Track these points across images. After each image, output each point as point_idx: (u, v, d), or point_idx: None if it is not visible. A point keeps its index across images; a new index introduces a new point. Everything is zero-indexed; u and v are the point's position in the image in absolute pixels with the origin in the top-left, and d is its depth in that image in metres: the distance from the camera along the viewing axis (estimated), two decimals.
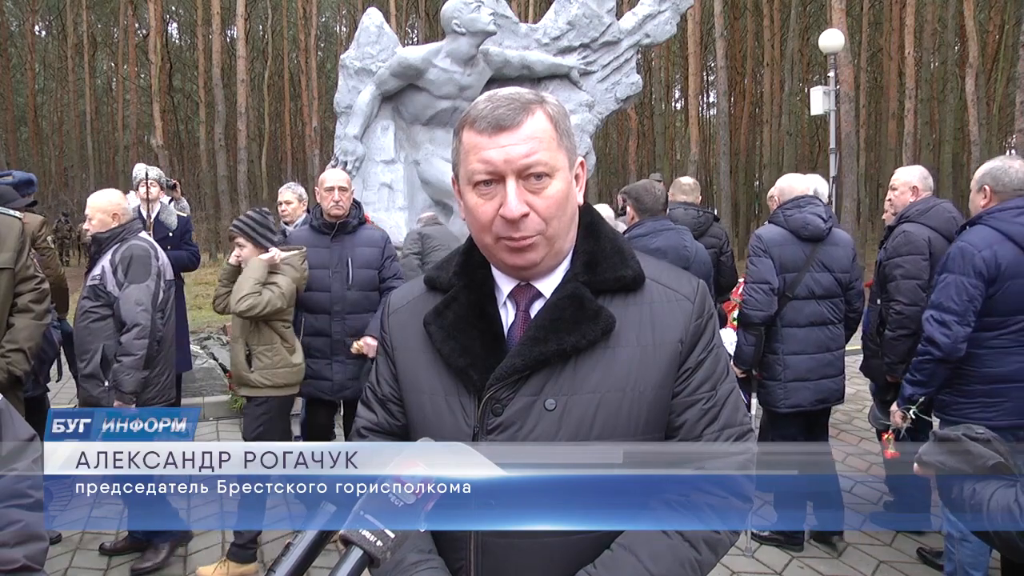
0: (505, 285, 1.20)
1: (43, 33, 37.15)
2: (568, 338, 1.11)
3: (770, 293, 3.63)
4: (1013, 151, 20.08)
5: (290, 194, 5.15)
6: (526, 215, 1.10)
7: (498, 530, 1.12)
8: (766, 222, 3.95)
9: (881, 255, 3.88)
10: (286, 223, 4.97)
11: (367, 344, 3.92)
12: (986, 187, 3.06)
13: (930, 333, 2.97)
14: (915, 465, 1.49)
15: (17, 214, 3.30)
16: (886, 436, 3.31)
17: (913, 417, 3.14)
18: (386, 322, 1.31)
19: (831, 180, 13.48)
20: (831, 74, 14.75)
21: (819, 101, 14.01)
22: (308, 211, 4.95)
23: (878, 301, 3.82)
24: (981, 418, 2.90)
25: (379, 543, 0.76)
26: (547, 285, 1.18)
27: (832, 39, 13.78)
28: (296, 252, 3.88)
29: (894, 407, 3.25)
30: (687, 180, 5.18)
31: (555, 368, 1.13)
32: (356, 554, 0.76)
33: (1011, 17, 23.74)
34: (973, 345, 2.95)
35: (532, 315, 1.18)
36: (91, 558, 3.75)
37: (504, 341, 1.17)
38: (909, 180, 3.94)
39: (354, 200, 4.12)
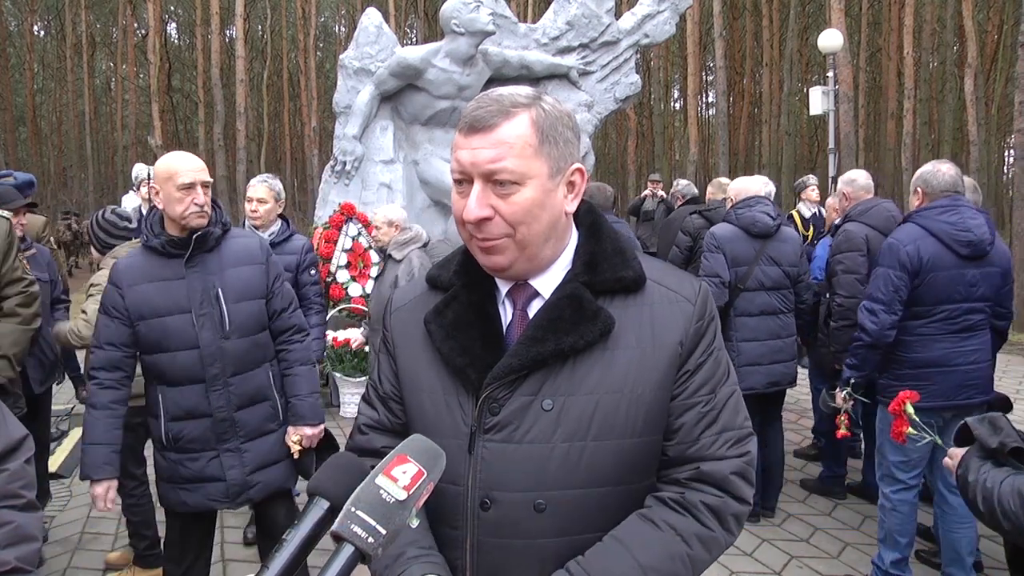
0: (503, 284, 1.21)
1: (42, 33, 37.12)
2: (566, 338, 1.11)
3: (721, 286, 3.93)
4: (1012, 152, 20.08)
5: (264, 190, 4.08)
6: (486, 219, 1.10)
7: (493, 530, 1.13)
8: (722, 221, 4.29)
9: (828, 253, 4.28)
10: (255, 227, 4.07)
11: (305, 435, 2.74)
12: (918, 189, 3.34)
13: (861, 321, 3.26)
14: (955, 435, 1.70)
15: (5, 213, 3.20)
16: (839, 418, 3.55)
17: (850, 398, 3.42)
18: (388, 320, 1.31)
19: (830, 180, 13.48)
20: (830, 74, 14.73)
21: (818, 101, 14.00)
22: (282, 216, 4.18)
23: (827, 295, 4.15)
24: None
25: (370, 539, 0.76)
26: (544, 284, 1.18)
27: (831, 39, 13.78)
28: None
29: (837, 390, 3.51)
30: (725, 180, 5.80)
31: (553, 368, 1.12)
32: (347, 551, 0.76)
33: (1010, 17, 23.73)
34: (903, 333, 3.21)
35: (529, 314, 1.18)
36: (91, 558, 3.75)
37: (503, 340, 1.17)
38: (840, 186, 4.44)
39: (212, 200, 2.63)
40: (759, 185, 4.26)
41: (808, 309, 4.24)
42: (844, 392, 3.41)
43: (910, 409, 2.03)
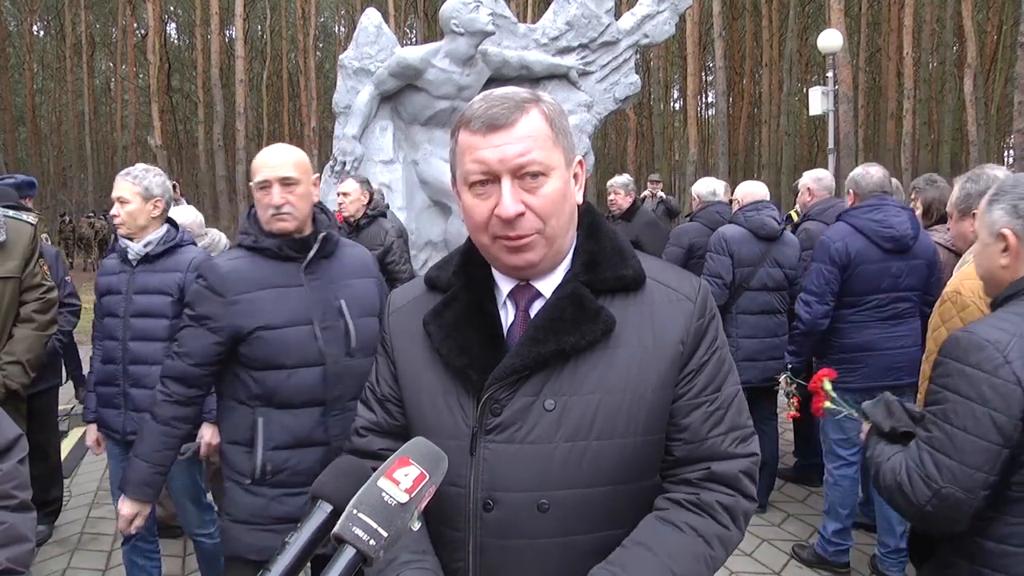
0: (504, 285, 1.20)
1: (41, 33, 37.13)
2: (567, 338, 1.11)
3: (723, 287, 4.12)
4: (1011, 151, 20.09)
5: (127, 187, 2.95)
6: (522, 214, 1.09)
7: (496, 531, 1.13)
8: (727, 222, 4.47)
9: None
10: (124, 236, 3.00)
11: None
12: (851, 190, 3.68)
13: (797, 311, 3.59)
14: (862, 422, 1.82)
15: (30, 219, 3.20)
16: (789, 402, 3.88)
17: (791, 382, 3.74)
18: (386, 322, 1.30)
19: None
20: (830, 74, 14.76)
21: (818, 101, 14.03)
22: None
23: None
24: (845, 381, 3.42)
25: (372, 542, 0.76)
26: (547, 285, 1.18)
27: (831, 39, 13.79)
28: None
29: (780, 376, 3.82)
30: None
31: (554, 368, 1.12)
32: (349, 553, 0.76)
33: (1009, 17, 23.74)
34: (837, 321, 3.51)
35: (531, 314, 1.17)
36: (91, 558, 3.75)
37: (503, 341, 1.17)
38: (804, 182, 4.72)
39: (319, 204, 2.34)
40: (764, 190, 4.45)
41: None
42: (785, 376, 3.73)
43: (827, 386, 2.19)
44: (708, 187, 5.19)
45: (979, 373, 1.46)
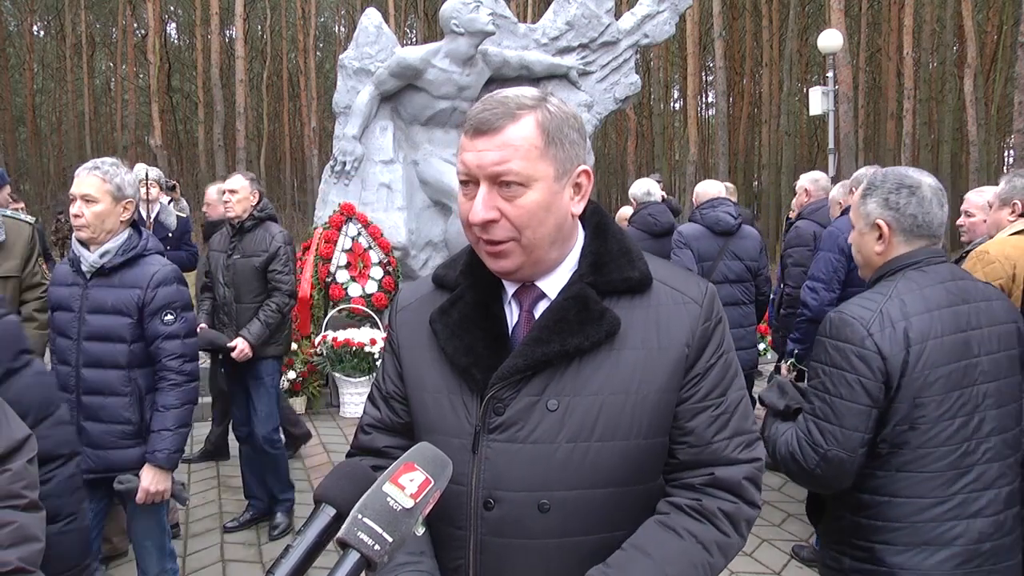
0: (509, 285, 1.21)
1: (41, 33, 37.09)
2: (571, 339, 1.11)
3: None
4: (1012, 151, 20.11)
5: (95, 183, 2.62)
6: (492, 221, 1.10)
7: (497, 530, 1.13)
8: (688, 220, 4.66)
9: (783, 247, 4.72)
10: (82, 241, 2.68)
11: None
12: (853, 188, 3.83)
13: (804, 298, 3.72)
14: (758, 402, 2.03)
15: (28, 218, 3.22)
16: None
17: (794, 369, 3.78)
18: (394, 319, 1.32)
19: (829, 181, 13.49)
20: (829, 74, 14.76)
21: (818, 101, 14.03)
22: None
23: (781, 285, 4.54)
24: None
25: (377, 547, 0.76)
26: (551, 285, 1.18)
27: (831, 39, 13.80)
28: None
29: (782, 363, 3.94)
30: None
31: (558, 369, 1.12)
32: (353, 557, 0.76)
33: (1009, 17, 23.74)
34: None
35: (535, 315, 1.18)
36: None
37: (508, 341, 1.17)
38: (802, 184, 4.97)
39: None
40: (719, 188, 4.65)
41: (767, 301, 4.59)
42: (788, 363, 3.82)
43: None
44: (642, 188, 5.30)
45: (848, 346, 1.69)
